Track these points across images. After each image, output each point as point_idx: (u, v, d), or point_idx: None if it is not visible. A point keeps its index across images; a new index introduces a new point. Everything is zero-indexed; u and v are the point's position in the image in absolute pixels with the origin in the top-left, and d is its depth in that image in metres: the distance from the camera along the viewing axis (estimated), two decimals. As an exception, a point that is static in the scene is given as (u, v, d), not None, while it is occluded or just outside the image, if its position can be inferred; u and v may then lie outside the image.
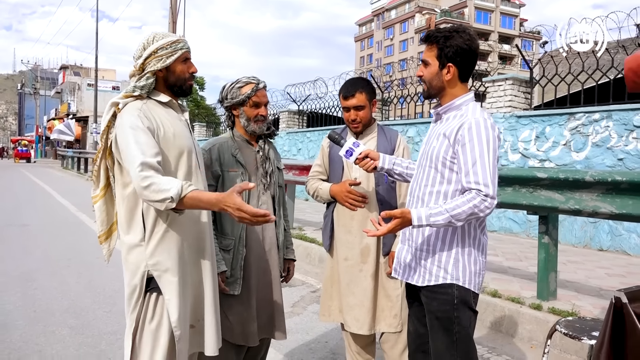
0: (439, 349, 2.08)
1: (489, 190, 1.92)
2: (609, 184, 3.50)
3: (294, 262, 2.75)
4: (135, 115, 1.86)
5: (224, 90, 2.51)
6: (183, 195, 1.74)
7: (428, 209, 1.95)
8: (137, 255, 1.90)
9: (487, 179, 1.93)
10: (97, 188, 2.00)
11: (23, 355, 3.40)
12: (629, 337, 2.08)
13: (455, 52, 2.03)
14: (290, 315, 4.33)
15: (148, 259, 1.90)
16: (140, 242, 1.90)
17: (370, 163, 2.34)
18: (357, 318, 2.63)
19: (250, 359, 2.58)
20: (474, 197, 1.91)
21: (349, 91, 2.64)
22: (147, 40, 1.97)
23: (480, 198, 1.91)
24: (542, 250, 4.11)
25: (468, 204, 1.90)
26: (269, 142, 2.62)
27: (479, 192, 1.91)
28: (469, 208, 1.89)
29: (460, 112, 2.05)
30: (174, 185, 1.73)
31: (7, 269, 5.74)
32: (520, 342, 3.81)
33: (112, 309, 4.41)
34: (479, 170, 1.93)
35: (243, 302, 2.42)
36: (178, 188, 1.73)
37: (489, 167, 1.94)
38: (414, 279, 2.11)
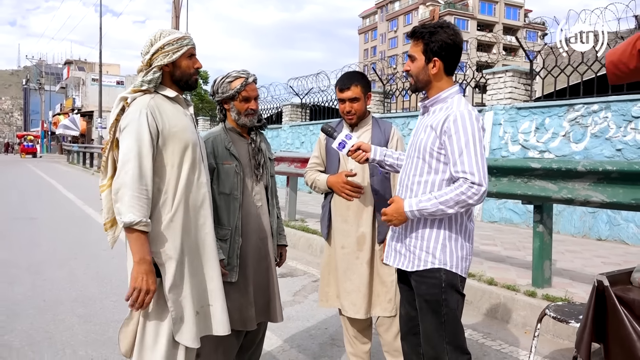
0: (428, 330, 2.18)
1: (474, 178, 2.02)
2: (600, 173, 3.59)
3: (285, 248, 2.86)
4: (142, 111, 1.98)
5: (215, 84, 2.59)
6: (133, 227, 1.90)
7: (418, 198, 2.07)
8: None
9: (472, 167, 2.03)
10: (105, 178, 2.11)
11: (34, 342, 3.54)
12: (610, 317, 2.20)
13: (440, 46, 2.13)
14: (291, 304, 4.45)
15: (152, 247, 2.01)
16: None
17: (363, 155, 2.44)
18: (354, 303, 2.75)
19: (249, 342, 2.70)
20: (461, 185, 2.02)
21: (345, 84, 2.74)
22: (154, 36, 2.08)
23: (467, 185, 2.01)
24: (536, 239, 4.20)
25: (455, 191, 2.01)
26: (260, 134, 2.70)
27: (465, 180, 2.02)
28: (456, 195, 2.00)
29: (446, 105, 2.14)
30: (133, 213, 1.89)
31: (16, 260, 5.89)
32: (514, 327, 3.92)
33: (118, 298, 4.54)
34: (465, 160, 2.03)
35: (240, 289, 2.52)
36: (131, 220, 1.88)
37: (475, 156, 2.03)
38: (404, 264, 2.22)
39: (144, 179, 1.93)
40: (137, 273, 1.93)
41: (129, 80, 47.31)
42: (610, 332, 2.22)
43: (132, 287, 1.94)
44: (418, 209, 2.06)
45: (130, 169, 1.91)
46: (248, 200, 2.57)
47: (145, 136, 1.96)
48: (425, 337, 2.21)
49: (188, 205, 2.08)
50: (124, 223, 1.89)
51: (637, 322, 2.12)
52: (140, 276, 1.92)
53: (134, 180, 1.90)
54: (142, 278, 1.92)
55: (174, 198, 2.04)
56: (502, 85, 8.64)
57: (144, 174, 1.94)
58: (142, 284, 1.92)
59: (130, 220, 1.88)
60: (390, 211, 2.15)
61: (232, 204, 2.51)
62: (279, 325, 3.76)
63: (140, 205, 1.90)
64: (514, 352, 3.47)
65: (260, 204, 2.63)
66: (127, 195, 1.89)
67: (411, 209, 2.08)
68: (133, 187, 1.90)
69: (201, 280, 2.15)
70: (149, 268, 1.94)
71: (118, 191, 1.91)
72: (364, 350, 2.95)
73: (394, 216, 2.14)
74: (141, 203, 1.91)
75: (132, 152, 1.93)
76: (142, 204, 1.91)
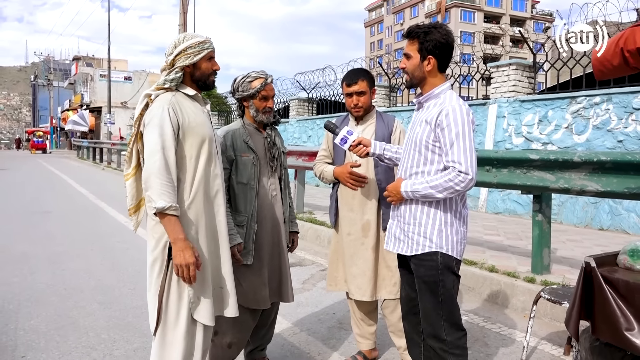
0: (427, 309, 2.37)
1: (462, 167, 2.20)
2: (595, 163, 3.75)
3: (297, 234, 3.08)
4: (165, 107, 2.16)
5: (236, 82, 2.81)
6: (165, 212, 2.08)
7: (412, 180, 2.32)
8: (162, 227, 2.18)
9: (461, 157, 2.21)
10: (129, 167, 2.30)
11: (59, 326, 3.76)
12: (596, 296, 2.39)
13: (434, 45, 2.30)
14: (301, 291, 4.65)
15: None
16: None
17: (363, 149, 2.62)
18: (360, 286, 2.94)
19: (263, 321, 2.91)
20: (450, 173, 2.22)
21: (352, 79, 2.93)
22: (178, 39, 2.27)
23: (455, 173, 2.20)
24: (536, 228, 4.37)
25: (444, 178, 2.21)
26: (275, 129, 2.93)
27: (454, 168, 2.20)
28: (444, 181, 2.20)
29: (440, 101, 2.31)
30: (165, 199, 2.07)
31: (36, 252, 6.12)
32: (514, 312, 4.10)
33: (135, 286, 4.76)
34: (455, 150, 2.22)
35: (255, 271, 2.72)
36: (163, 205, 2.07)
37: (464, 147, 2.21)
38: (403, 249, 2.40)
39: (169, 169, 2.12)
40: (175, 252, 2.11)
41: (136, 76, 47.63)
42: (596, 309, 2.40)
43: (175, 266, 2.12)
44: (412, 190, 2.28)
45: (157, 160, 2.10)
46: (263, 190, 2.78)
47: (168, 130, 2.15)
48: (424, 316, 2.39)
49: (204, 194, 2.26)
50: (156, 209, 2.07)
51: (621, 300, 2.30)
52: (179, 254, 2.11)
53: (161, 170, 2.09)
54: (181, 255, 2.10)
55: (191, 187, 2.23)
56: (505, 79, 8.77)
57: (169, 164, 2.13)
58: (182, 259, 2.10)
59: (162, 206, 2.07)
60: (390, 187, 2.40)
61: (249, 193, 2.71)
62: (289, 310, 4.00)
63: (169, 192, 2.09)
64: (513, 334, 3.65)
65: (274, 194, 2.84)
66: (156, 184, 2.07)
67: (405, 190, 2.31)
68: (161, 176, 2.09)
69: (216, 264, 2.33)
70: (185, 244, 2.12)
71: (147, 180, 2.10)
72: (370, 331, 3.14)
73: (392, 193, 2.38)
74: (170, 190, 2.10)
75: (158, 145, 2.12)
76: (170, 191, 2.10)
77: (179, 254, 2.10)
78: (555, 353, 3.36)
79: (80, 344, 3.43)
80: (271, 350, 3.23)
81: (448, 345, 2.33)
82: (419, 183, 2.28)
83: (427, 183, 2.24)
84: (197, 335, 2.28)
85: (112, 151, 23.86)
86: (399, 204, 2.42)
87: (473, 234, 6.57)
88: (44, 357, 3.24)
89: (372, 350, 3.17)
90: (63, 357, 3.23)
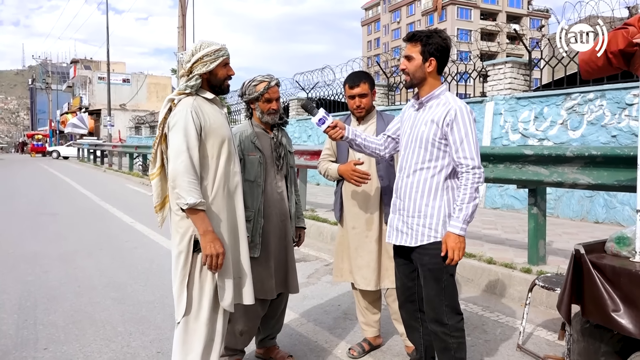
0: (430, 295, 2.54)
1: (474, 162, 2.40)
2: (587, 158, 3.93)
3: (304, 230, 3.25)
4: (188, 110, 2.33)
5: (243, 86, 2.99)
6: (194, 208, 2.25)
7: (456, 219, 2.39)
8: (186, 222, 2.35)
9: (473, 153, 2.40)
10: (154, 168, 2.47)
11: (76, 320, 3.93)
12: (585, 281, 2.57)
13: (436, 48, 2.48)
14: (306, 285, 4.83)
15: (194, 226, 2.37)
16: None
17: (339, 132, 2.73)
18: (365, 277, 3.11)
19: (273, 311, 3.09)
20: (467, 177, 2.39)
21: (355, 81, 3.10)
22: (195, 47, 2.43)
23: (471, 174, 2.39)
24: (531, 220, 4.55)
25: (467, 186, 2.38)
26: (282, 130, 3.10)
27: (467, 166, 2.39)
28: (470, 188, 2.37)
29: (441, 101, 2.49)
30: (194, 196, 2.24)
31: (47, 252, 6.30)
32: (511, 301, 4.28)
33: (146, 283, 4.93)
34: (466, 148, 2.40)
35: (261, 264, 2.89)
36: (193, 202, 2.24)
37: (473, 143, 2.41)
38: (407, 241, 2.56)
39: (194, 167, 2.29)
40: (206, 243, 2.28)
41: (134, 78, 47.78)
42: (586, 293, 2.58)
43: (204, 255, 2.29)
44: (462, 223, 2.38)
45: (183, 160, 2.27)
46: (270, 187, 2.95)
47: (192, 131, 2.32)
48: (427, 301, 2.56)
49: (225, 190, 2.43)
50: (187, 205, 2.23)
51: (608, 284, 2.48)
52: (209, 245, 2.28)
53: (188, 169, 2.26)
54: (210, 246, 2.28)
55: (213, 184, 2.40)
56: (502, 76, 8.96)
57: (194, 164, 2.30)
58: (212, 250, 2.28)
59: (193, 202, 2.23)
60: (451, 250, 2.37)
61: (256, 190, 2.89)
62: (296, 303, 4.18)
63: (196, 189, 2.26)
64: (510, 322, 3.83)
65: (280, 191, 3.01)
66: (184, 182, 2.24)
67: (458, 230, 2.38)
68: (188, 175, 2.26)
69: (236, 255, 2.51)
70: (214, 236, 2.30)
71: (175, 179, 2.27)
72: (374, 319, 3.32)
73: (456, 250, 2.36)
74: (197, 187, 2.27)
75: (183, 145, 2.28)
76: (197, 188, 2.27)
77: (209, 245, 2.28)
78: (550, 338, 3.54)
79: (99, 337, 3.60)
80: (281, 339, 3.40)
81: (449, 329, 2.51)
82: (456, 212, 2.38)
83: (462, 203, 2.37)
84: (218, 322, 2.46)
85: (113, 153, 24.00)
86: (402, 200, 2.58)
87: (472, 229, 6.74)
88: (65, 349, 3.41)
89: (377, 338, 3.35)
90: (83, 349, 3.40)
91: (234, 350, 2.99)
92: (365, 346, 3.30)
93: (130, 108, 42.72)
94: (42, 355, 3.31)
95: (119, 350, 3.37)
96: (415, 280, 2.67)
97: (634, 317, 2.37)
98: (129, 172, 19.58)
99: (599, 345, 2.66)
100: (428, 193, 2.50)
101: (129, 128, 35.35)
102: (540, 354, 3.24)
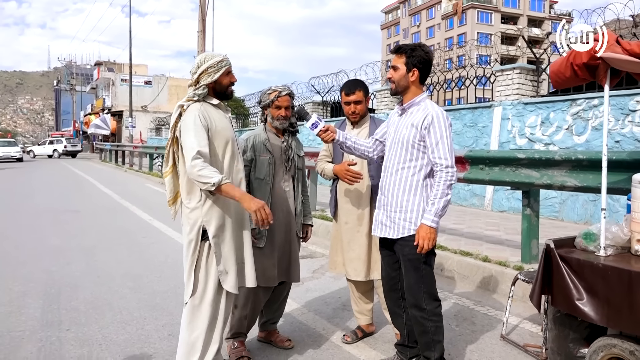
0: (410, 282, 2.81)
1: (448, 162, 2.67)
2: (574, 161, 4.16)
3: (311, 227, 3.53)
4: (196, 114, 2.64)
5: (260, 95, 3.35)
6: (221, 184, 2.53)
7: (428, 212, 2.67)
8: (196, 214, 2.67)
9: (447, 154, 2.68)
10: (167, 166, 2.78)
11: (96, 306, 4.28)
12: (554, 273, 2.83)
13: (419, 60, 2.76)
14: (310, 279, 5.12)
15: (203, 217, 2.67)
16: (197, 204, 2.68)
17: (330, 135, 3.04)
18: (355, 268, 3.39)
19: (275, 297, 3.39)
20: (440, 176, 2.67)
21: (350, 89, 3.39)
22: (200, 60, 2.74)
23: (445, 172, 2.66)
24: (524, 221, 4.78)
25: (440, 183, 2.66)
26: (292, 135, 3.41)
27: (441, 165, 2.66)
28: (442, 184, 2.65)
29: (421, 107, 2.77)
30: (215, 176, 2.52)
31: (69, 245, 6.70)
32: (502, 297, 4.50)
33: (161, 275, 5.27)
34: (441, 149, 2.68)
35: (266, 254, 3.19)
36: (218, 179, 2.51)
37: (447, 145, 2.69)
38: (390, 233, 2.85)
39: (207, 158, 2.58)
40: (247, 203, 2.55)
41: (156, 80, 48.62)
42: (554, 284, 2.83)
43: (253, 214, 2.55)
44: (433, 217, 2.66)
45: (197, 155, 2.53)
46: (278, 186, 3.27)
47: (201, 131, 2.60)
48: (407, 289, 2.84)
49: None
50: (214, 185, 2.50)
51: (574, 275, 2.73)
52: (251, 203, 2.56)
53: (202, 160, 2.54)
54: (252, 202, 2.56)
55: None
56: (510, 82, 9.14)
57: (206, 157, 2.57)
58: (255, 205, 2.55)
59: (218, 180, 2.51)
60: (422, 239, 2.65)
61: (264, 187, 3.20)
62: (299, 294, 4.48)
63: (215, 170, 2.54)
64: (499, 315, 4.06)
65: (287, 189, 3.33)
66: (203, 170, 2.52)
67: (429, 222, 2.66)
68: (204, 164, 2.53)
69: (239, 243, 2.80)
70: (249, 197, 2.59)
71: (193, 170, 2.53)
72: (367, 308, 3.60)
73: (426, 240, 2.66)
74: (214, 169, 2.54)
75: (194, 143, 2.56)
76: (214, 169, 2.54)
77: (251, 203, 2.56)
78: (534, 330, 3.77)
79: (116, 320, 3.93)
80: (282, 326, 3.70)
81: (428, 314, 2.78)
82: (429, 206, 2.67)
83: (435, 198, 2.65)
84: (221, 303, 2.76)
85: (134, 154, 24.60)
86: (386, 197, 2.86)
87: (474, 230, 6.98)
88: (85, 330, 3.75)
89: (369, 325, 3.62)
90: (102, 330, 3.73)
91: (239, 333, 3.29)
92: (358, 333, 3.58)
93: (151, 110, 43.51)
94: (65, 335, 3.64)
95: (133, 333, 3.70)
96: (398, 270, 2.94)
97: (596, 305, 2.61)
98: (149, 172, 20.10)
99: (568, 332, 2.91)
100: (409, 190, 2.78)
101: (150, 129, 36.07)
102: (521, 343, 3.48)
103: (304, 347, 3.46)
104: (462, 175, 5.24)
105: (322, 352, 3.40)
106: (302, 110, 3.17)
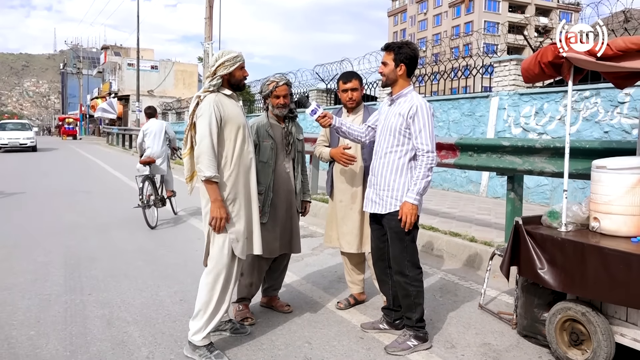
0: (395, 252, 3.20)
1: (429, 147, 3.05)
2: (552, 149, 4.52)
3: (309, 203, 3.92)
4: (211, 104, 3.02)
5: (261, 85, 3.70)
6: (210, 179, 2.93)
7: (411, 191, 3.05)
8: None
9: (427, 140, 3.06)
10: (185, 149, 3.16)
11: (113, 275, 4.70)
12: (521, 246, 3.22)
13: (405, 57, 3.13)
14: (310, 255, 5.52)
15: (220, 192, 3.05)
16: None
17: (327, 121, 3.42)
18: (348, 242, 3.78)
19: (277, 266, 3.81)
20: (422, 160, 3.05)
21: (348, 78, 3.76)
22: (218, 55, 3.13)
23: (425, 156, 3.04)
24: (509, 204, 5.15)
25: (421, 166, 3.04)
26: (292, 121, 3.77)
27: (423, 151, 3.03)
28: (424, 167, 3.04)
29: (408, 98, 3.13)
30: (209, 171, 2.92)
31: (85, 222, 7.13)
32: (485, 273, 4.89)
33: (172, 249, 5.69)
34: (423, 135, 3.06)
35: (268, 229, 3.58)
36: (210, 175, 2.92)
37: (429, 133, 3.06)
38: (378, 209, 3.24)
39: (214, 149, 2.97)
40: (213, 208, 2.97)
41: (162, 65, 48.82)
42: (521, 255, 3.22)
43: (211, 217, 2.97)
44: (415, 195, 3.04)
45: (206, 143, 2.95)
46: (279, 168, 3.65)
47: (214, 121, 2.99)
48: (393, 257, 3.23)
49: (241, 166, 3.11)
50: (205, 177, 2.92)
51: (537, 247, 3.11)
52: (216, 209, 2.97)
53: (209, 150, 2.95)
54: (217, 210, 2.96)
55: (231, 162, 3.07)
56: (507, 73, 9.45)
57: (214, 146, 2.98)
58: (218, 214, 2.96)
59: (209, 175, 2.93)
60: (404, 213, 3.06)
61: (267, 169, 3.58)
62: (299, 268, 4.89)
63: (214, 166, 2.94)
64: (480, 289, 4.43)
65: (288, 171, 3.70)
66: (206, 160, 2.93)
67: (412, 199, 3.04)
68: (209, 155, 2.94)
69: (249, 216, 3.19)
70: (221, 204, 2.98)
71: (199, 157, 2.95)
72: (359, 279, 4.00)
73: (409, 215, 3.06)
74: (214, 165, 2.95)
75: (207, 131, 2.96)
76: (214, 165, 2.95)
77: (216, 210, 2.97)
78: (510, 301, 4.16)
79: (132, 287, 4.35)
80: (282, 294, 4.10)
81: (410, 279, 3.18)
82: (412, 186, 3.05)
83: (417, 179, 3.03)
84: (234, 268, 3.14)
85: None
86: (376, 177, 3.24)
87: (466, 214, 7.36)
88: (105, 295, 4.17)
89: (361, 294, 4.03)
90: (120, 295, 4.15)
91: (244, 297, 3.70)
92: (351, 301, 3.98)
93: (157, 94, 43.84)
94: (87, 299, 4.06)
95: (149, 297, 4.12)
96: (385, 242, 3.33)
97: (554, 274, 3.00)
98: (155, 156, 20.46)
99: (533, 298, 3.30)
100: (396, 171, 3.16)
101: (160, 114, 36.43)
102: (496, 311, 3.88)
103: (302, 311, 3.87)
104: (452, 161, 5.61)
105: (317, 316, 3.80)
106: (303, 98, 3.54)
